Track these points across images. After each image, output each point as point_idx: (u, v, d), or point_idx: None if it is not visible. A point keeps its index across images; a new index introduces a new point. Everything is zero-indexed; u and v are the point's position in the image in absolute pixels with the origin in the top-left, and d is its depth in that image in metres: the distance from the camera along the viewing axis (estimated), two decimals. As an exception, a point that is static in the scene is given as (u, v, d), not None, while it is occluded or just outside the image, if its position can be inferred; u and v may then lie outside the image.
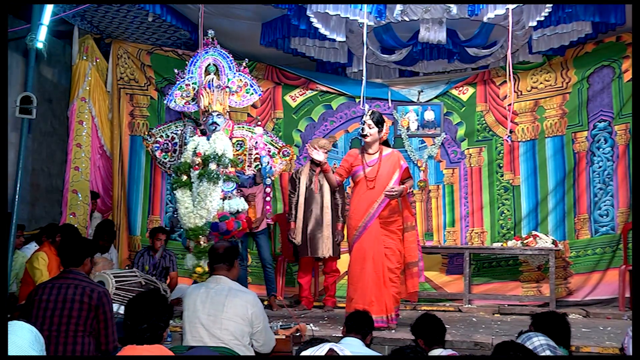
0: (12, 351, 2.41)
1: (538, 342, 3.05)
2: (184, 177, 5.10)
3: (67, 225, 6.17)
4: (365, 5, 5.77)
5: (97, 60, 7.32)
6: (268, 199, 5.49)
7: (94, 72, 7.22)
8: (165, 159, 5.61)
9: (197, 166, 5.06)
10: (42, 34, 5.18)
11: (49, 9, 5.27)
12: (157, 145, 5.59)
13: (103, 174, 7.47)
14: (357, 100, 7.57)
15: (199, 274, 4.99)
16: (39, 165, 7.35)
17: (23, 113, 4.96)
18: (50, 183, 7.51)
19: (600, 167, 6.88)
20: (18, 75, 6.64)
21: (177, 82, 5.50)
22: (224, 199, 5.09)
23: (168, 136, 5.61)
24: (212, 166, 5.03)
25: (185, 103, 5.45)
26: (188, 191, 5.08)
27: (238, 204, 5.09)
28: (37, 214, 7.25)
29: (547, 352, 3.00)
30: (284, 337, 4.31)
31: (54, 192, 7.49)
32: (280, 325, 4.55)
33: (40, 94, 6.70)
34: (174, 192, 5.15)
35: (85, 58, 7.17)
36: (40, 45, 5.16)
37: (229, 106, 5.46)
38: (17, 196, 4.94)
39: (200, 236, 5.05)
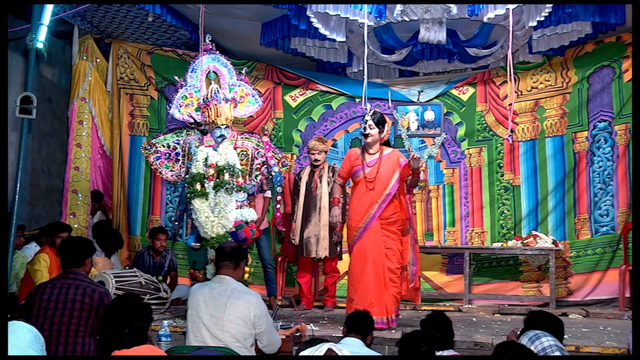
0: (11, 351, 2.40)
1: (547, 342, 3.04)
2: (198, 187, 5.07)
3: (61, 223, 6.06)
4: (365, 5, 5.77)
5: (97, 60, 7.33)
6: (279, 206, 5.57)
7: (94, 72, 7.23)
8: (167, 168, 5.47)
9: (211, 177, 5.05)
10: (42, 34, 5.19)
11: (49, 9, 5.28)
12: (158, 155, 5.44)
13: (103, 174, 7.48)
14: (357, 100, 7.57)
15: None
16: (39, 165, 7.35)
17: (23, 113, 4.97)
18: (50, 183, 7.51)
19: (600, 167, 6.88)
20: (18, 75, 6.64)
21: (179, 91, 5.35)
22: (237, 208, 5.13)
23: (170, 146, 5.46)
24: (227, 177, 5.05)
25: (189, 114, 5.35)
26: (205, 200, 5.05)
27: (249, 213, 5.16)
28: (37, 214, 7.25)
29: (557, 353, 2.99)
30: (284, 337, 4.31)
31: (54, 192, 7.50)
32: (280, 325, 4.56)
33: (40, 94, 6.70)
34: (191, 202, 5.08)
35: (85, 58, 7.18)
36: (40, 45, 5.18)
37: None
38: (17, 196, 4.95)
39: None
